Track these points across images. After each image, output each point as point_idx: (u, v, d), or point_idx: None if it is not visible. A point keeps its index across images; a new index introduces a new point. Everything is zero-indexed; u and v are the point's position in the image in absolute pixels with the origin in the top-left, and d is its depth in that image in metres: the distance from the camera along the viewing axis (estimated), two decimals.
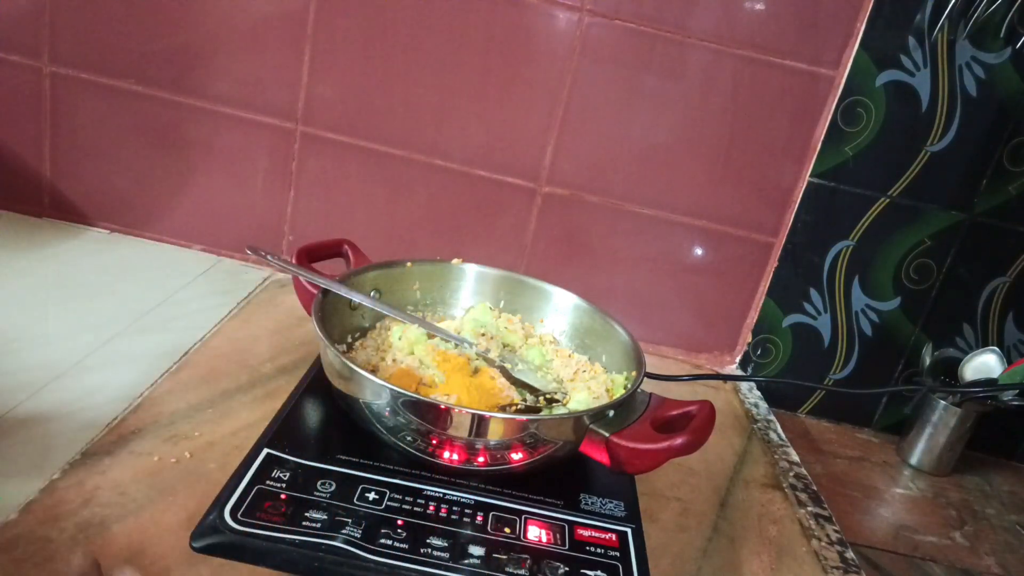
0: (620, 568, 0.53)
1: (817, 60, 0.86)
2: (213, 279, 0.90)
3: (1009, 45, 0.83)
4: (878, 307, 0.94)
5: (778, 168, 0.90)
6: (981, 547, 0.78)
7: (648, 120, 0.89)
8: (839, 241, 0.92)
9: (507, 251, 0.95)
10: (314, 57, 0.88)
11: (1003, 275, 0.92)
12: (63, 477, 0.52)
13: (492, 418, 0.56)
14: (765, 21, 0.85)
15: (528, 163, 0.91)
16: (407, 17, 0.86)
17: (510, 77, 0.88)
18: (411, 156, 0.92)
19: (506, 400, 0.65)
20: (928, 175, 0.88)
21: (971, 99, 0.85)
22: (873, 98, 0.86)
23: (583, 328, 0.78)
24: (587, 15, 0.85)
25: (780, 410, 0.96)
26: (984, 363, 0.88)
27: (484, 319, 0.77)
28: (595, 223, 0.93)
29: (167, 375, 0.67)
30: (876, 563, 0.72)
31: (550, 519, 0.57)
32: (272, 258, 0.66)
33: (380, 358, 0.68)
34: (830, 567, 0.62)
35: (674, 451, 0.54)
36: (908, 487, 0.87)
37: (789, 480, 0.75)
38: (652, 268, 0.95)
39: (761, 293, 0.95)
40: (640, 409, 0.60)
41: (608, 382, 0.70)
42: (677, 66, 0.87)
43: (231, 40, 0.88)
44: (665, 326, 0.98)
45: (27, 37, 0.88)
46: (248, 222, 0.95)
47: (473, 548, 0.52)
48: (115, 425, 0.59)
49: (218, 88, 0.89)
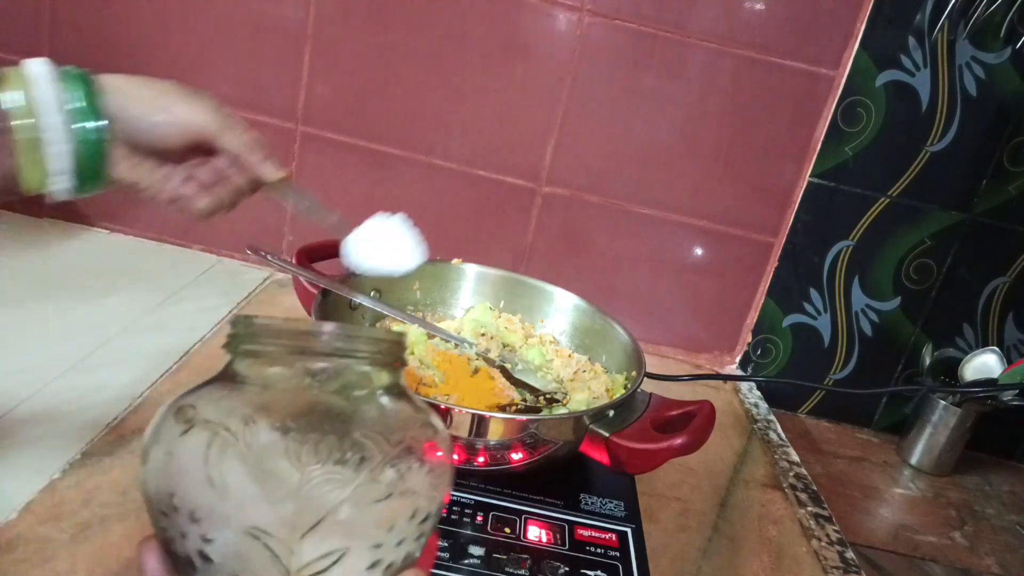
0: (620, 568, 0.53)
1: (817, 60, 0.86)
2: (213, 279, 0.90)
3: (1009, 45, 0.83)
4: (878, 307, 0.94)
5: (778, 168, 0.90)
6: (981, 547, 0.78)
7: (648, 120, 0.89)
8: (839, 241, 0.92)
9: (507, 251, 0.95)
10: (314, 57, 0.88)
11: (1003, 275, 0.92)
12: (63, 477, 0.52)
13: (492, 418, 0.56)
14: (765, 21, 0.85)
15: (528, 163, 0.91)
16: (407, 17, 0.86)
17: (510, 77, 0.88)
18: (411, 156, 0.92)
19: (506, 400, 0.65)
20: (928, 175, 0.88)
21: (971, 99, 0.85)
22: (873, 98, 0.86)
23: (583, 328, 0.78)
24: (587, 15, 0.85)
25: (780, 410, 0.96)
26: (984, 363, 0.88)
27: (484, 319, 0.77)
28: (595, 223, 0.94)
29: (167, 375, 0.67)
30: (876, 563, 0.72)
31: (550, 519, 0.57)
32: (272, 258, 0.66)
33: None
34: (830, 567, 0.62)
35: (674, 451, 0.54)
36: (908, 487, 0.87)
37: (789, 480, 0.75)
38: (652, 268, 0.95)
39: (761, 293, 0.95)
40: (640, 409, 0.60)
41: (608, 382, 0.70)
42: (677, 66, 0.87)
43: (231, 40, 0.88)
44: (665, 326, 0.98)
45: (27, 37, 0.88)
46: (248, 222, 0.95)
47: (473, 548, 0.52)
48: (115, 425, 0.59)
49: (218, 88, 0.89)
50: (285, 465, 0.28)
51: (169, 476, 0.29)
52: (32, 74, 0.41)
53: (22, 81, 0.40)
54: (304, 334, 0.32)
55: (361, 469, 0.28)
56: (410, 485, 0.29)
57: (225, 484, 0.27)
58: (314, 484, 0.27)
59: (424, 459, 0.31)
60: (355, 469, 0.28)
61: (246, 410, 0.29)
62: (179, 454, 0.29)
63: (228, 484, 0.27)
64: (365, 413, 0.31)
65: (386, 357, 0.33)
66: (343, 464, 0.28)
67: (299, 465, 0.27)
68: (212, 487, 0.27)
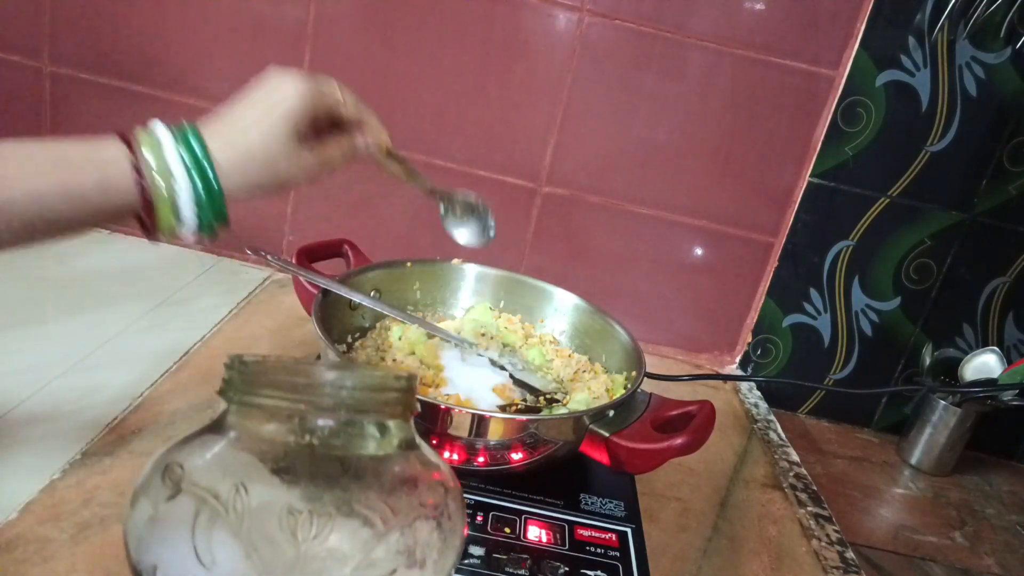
0: (620, 568, 0.53)
1: (817, 60, 0.86)
2: (213, 279, 0.90)
3: (1009, 45, 0.83)
4: (878, 307, 0.94)
5: (778, 168, 0.90)
6: (981, 547, 0.78)
7: (648, 120, 0.89)
8: (839, 241, 0.92)
9: (507, 251, 0.95)
10: (314, 57, 0.88)
11: (1003, 275, 0.92)
12: (63, 477, 0.52)
13: (492, 418, 0.56)
14: (765, 21, 0.85)
15: (528, 163, 0.91)
16: (407, 17, 0.86)
17: (510, 77, 0.88)
18: (411, 156, 0.92)
19: (507, 400, 0.65)
20: (928, 175, 0.88)
21: (971, 99, 0.85)
22: (873, 98, 0.86)
23: (583, 328, 0.78)
24: (587, 15, 0.85)
25: (780, 410, 0.96)
26: (984, 363, 0.88)
27: (484, 319, 0.77)
28: (595, 223, 0.93)
29: (167, 375, 0.67)
30: (876, 563, 0.72)
31: (550, 519, 0.57)
32: (272, 258, 0.66)
33: (380, 358, 0.68)
34: (830, 567, 0.62)
35: (674, 451, 0.54)
36: (908, 487, 0.87)
37: (789, 480, 0.75)
38: (652, 268, 0.95)
39: (761, 293, 0.95)
40: (640, 409, 0.60)
41: (608, 382, 0.70)
42: (677, 66, 0.87)
43: (231, 40, 0.88)
44: (665, 326, 0.98)
45: (27, 37, 0.88)
46: (248, 222, 0.95)
47: (473, 548, 0.52)
48: (115, 425, 0.59)
49: (218, 88, 0.89)
50: (279, 539, 0.25)
51: (152, 546, 0.26)
52: (158, 135, 0.45)
53: (154, 142, 0.45)
54: (305, 386, 0.28)
55: (362, 544, 0.25)
56: (418, 556, 0.27)
57: (213, 560, 0.25)
58: (311, 561, 0.25)
59: (433, 524, 0.28)
60: (356, 544, 0.25)
61: (237, 473, 0.26)
62: (164, 521, 0.26)
63: (216, 560, 0.25)
64: (369, 476, 0.28)
65: (394, 408, 0.29)
66: (343, 538, 0.25)
67: (294, 541, 0.25)
68: (199, 563, 0.25)
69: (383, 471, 0.28)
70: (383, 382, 0.30)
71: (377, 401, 0.29)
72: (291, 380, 0.28)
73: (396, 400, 0.29)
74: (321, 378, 0.29)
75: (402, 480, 0.28)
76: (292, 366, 0.29)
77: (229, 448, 0.28)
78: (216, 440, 0.28)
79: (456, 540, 0.29)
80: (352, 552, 0.25)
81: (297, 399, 0.28)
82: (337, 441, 0.28)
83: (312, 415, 0.28)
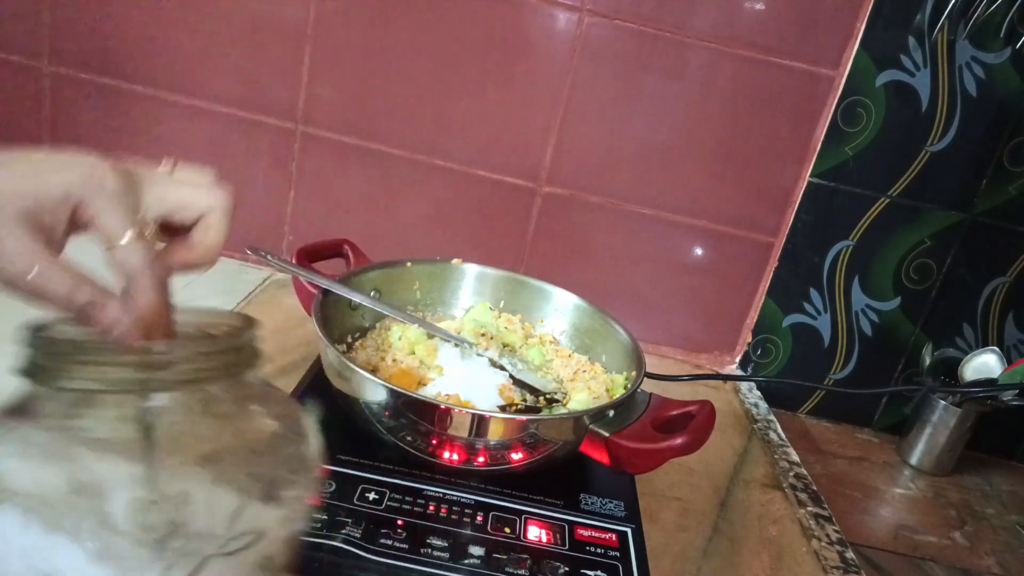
0: (620, 568, 0.53)
1: (817, 60, 0.86)
2: (213, 279, 0.90)
3: (1009, 45, 0.83)
4: (878, 307, 0.94)
5: (778, 168, 0.90)
6: (981, 547, 0.78)
7: (648, 120, 0.89)
8: (839, 241, 0.92)
9: (507, 251, 0.95)
10: (314, 57, 0.88)
11: (1003, 275, 0.92)
12: None
13: (492, 418, 0.56)
14: (765, 21, 0.85)
15: (528, 163, 0.91)
16: (407, 17, 0.86)
17: (510, 77, 0.88)
18: (411, 156, 0.92)
19: (507, 400, 0.65)
20: (928, 175, 0.88)
21: (971, 99, 0.85)
22: (873, 98, 0.86)
23: (583, 328, 0.78)
24: (587, 15, 0.85)
25: (780, 410, 0.96)
26: (984, 363, 0.88)
27: (484, 319, 0.77)
28: (595, 223, 0.93)
29: None
30: (876, 563, 0.72)
31: (550, 519, 0.57)
32: (272, 258, 0.66)
33: (380, 358, 0.68)
34: (830, 567, 0.62)
35: (674, 451, 0.54)
36: (908, 487, 0.87)
37: (789, 480, 0.75)
38: (652, 268, 0.95)
39: (761, 293, 0.95)
40: (640, 409, 0.60)
41: (608, 382, 0.70)
42: (677, 66, 0.87)
43: (231, 40, 0.88)
44: (665, 326, 0.98)
45: (27, 37, 0.88)
46: (248, 222, 0.95)
47: (473, 548, 0.52)
48: None
49: (218, 88, 0.89)
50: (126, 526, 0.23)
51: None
52: None
53: None
54: (133, 364, 0.25)
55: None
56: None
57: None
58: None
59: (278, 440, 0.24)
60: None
61: (59, 464, 0.24)
62: None
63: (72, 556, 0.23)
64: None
65: (238, 366, 0.26)
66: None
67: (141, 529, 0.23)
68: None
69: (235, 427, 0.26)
70: (218, 345, 0.27)
71: (215, 366, 0.26)
72: (116, 359, 0.26)
73: (237, 359, 0.27)
74: (151, 353, 0.26)
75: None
76: (105, 343, 0.26)
77: (44, 436, 0.25)
78: (24, 430, 0.25)
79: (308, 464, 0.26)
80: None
81: (128, 381, 0.25)
82: (176, 416, 0.26)
83: (145, 396, 0.26)
